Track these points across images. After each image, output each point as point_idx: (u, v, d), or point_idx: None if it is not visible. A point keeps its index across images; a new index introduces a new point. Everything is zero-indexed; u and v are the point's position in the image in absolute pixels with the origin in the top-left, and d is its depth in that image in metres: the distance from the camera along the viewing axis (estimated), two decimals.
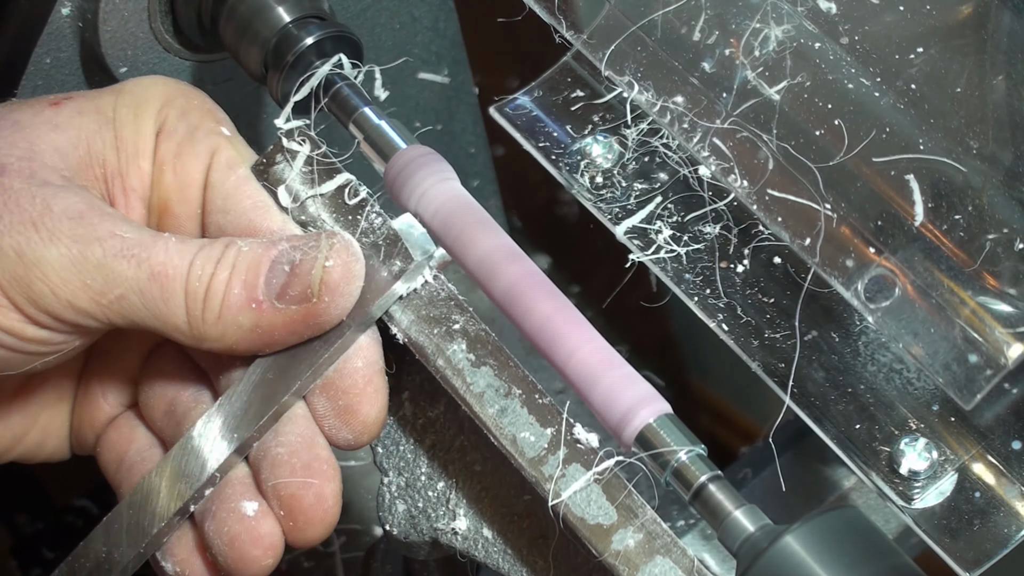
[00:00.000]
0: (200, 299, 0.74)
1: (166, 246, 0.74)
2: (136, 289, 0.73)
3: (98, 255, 0.73)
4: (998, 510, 0.76)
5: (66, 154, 0.77)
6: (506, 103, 0.89)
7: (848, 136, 0.76)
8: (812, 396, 0.79)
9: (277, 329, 0.74)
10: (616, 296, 0.89)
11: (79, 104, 0.78)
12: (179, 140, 0.79)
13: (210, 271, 0.74)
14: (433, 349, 0.76)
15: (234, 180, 0.78)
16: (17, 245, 0.73)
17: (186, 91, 0.80)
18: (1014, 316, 0.73)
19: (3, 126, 0.77)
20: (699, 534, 0.96)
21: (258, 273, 0.74)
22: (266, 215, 0.78)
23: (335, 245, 0.75)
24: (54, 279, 0.73)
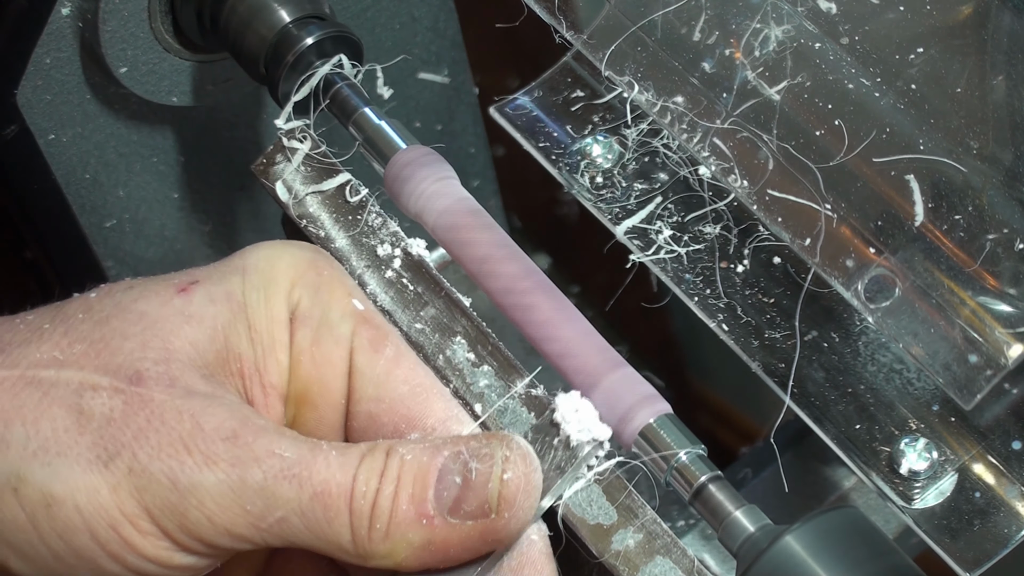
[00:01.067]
0: (366, 517, 0.67)
1: (327, 461, 0.68)
2: (298, 511, 0.67)
3: (258, 479, 0.67)
4: (998, 510, 0.76)
5: (203, 350, 0.71)
6: (506, 103, 0.89)
7: (848, 136, 0.76)
8: (812, 396, 0.79)
9: (452, 546, 0.68)
10: (616, 296, 0.89)
11: (209, 290, 0.72)
12: (315, 326, 0.73)
13: (375, 486, 0.68)
14: (433, 349, 0.76)
15: (384, 364, 0.73)
16: (169, 470, 0.67)
17: (314, 261, 0.75)
18: (1014, 316, 0.73)
19: (129, 320, 0.70)
20: (699, 534, 0.96)
21: (426, 485, 0.68)
22: (425, 402, 0.73)
23: (511, 456, 0.69)
24: (211, 506, 0.67)
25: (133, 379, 0.68)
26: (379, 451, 0.69)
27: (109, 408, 0.68)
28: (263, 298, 0.73)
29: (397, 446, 0.69)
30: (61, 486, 0.67)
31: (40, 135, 0.93)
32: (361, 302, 0.74)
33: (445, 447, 0.69)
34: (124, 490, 0.67)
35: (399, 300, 0.77)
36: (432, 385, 0.73)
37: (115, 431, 0.67)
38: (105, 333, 0.70)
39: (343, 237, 0.78)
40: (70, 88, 0.92)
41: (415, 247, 0.78)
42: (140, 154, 0.98)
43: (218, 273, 0.73)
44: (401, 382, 0.73)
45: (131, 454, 0.67)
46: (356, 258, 0.78)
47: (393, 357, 0.73)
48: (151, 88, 0.92)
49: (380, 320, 0.75)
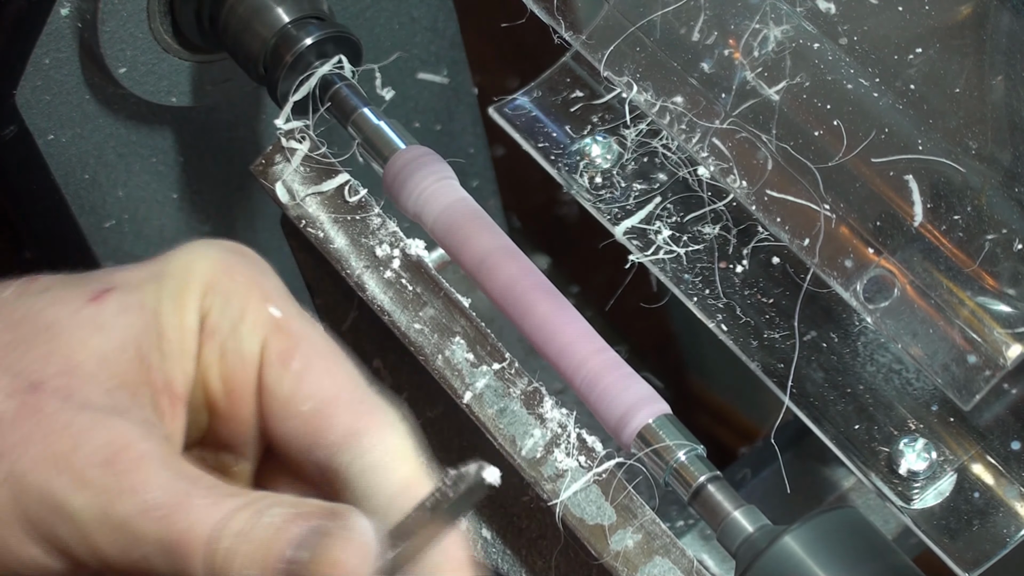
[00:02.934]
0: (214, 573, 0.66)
1: (190, 508, 0.66)
2: (161, 551, 0.66)
3: (122, 513, 0.65)
4: (997, 510, 0.76)
5: (112, 361, 0.69)
6: (505, 103, 0.89)
7: (847, 136, 0.76)
8: (811, 396, 0.79)
9: None
10: (616, 296, 0.89)
11: (121, 299, 0.70)
12: (222, 340, 0.71)
13: (226, 544, 0.65)
14: (432, 349, 0.76)
15: (289, 382, 0.70)
16: (43, 484, 0.66)
17: (230, 266, 0.72)
18: (1013, 316, 0.73)
19: (36, 329, 0.69)
20: (698, 534, 0.96)
21: (273, 558, 0.65)
22: (328, 419, 0.70)
23: (348, 540, 0.65)
24: (79, 530, 0.66)
25: (32, 386, 0.68)
26: (250, 507, 0.66)
27: (3, 408, 0.67)
28: (175, 306, 0.71)
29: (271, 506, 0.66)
30: None
31: (39, 135, 0.93)
32: (279, 307, 0.72)
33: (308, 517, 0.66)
34: (3, 494, 0.66)
35: (398, 300, 0.77)
36: (335, 398, 0.71)
37: (3, 432, 0.67)
38: (13, 338, 0.69)
39: (342, 237, 0.78)
40: (69, 88, 0.92)
41: (414, 247, 0.78)
42: (139, 154, 0.98)
43: (135, 279, 0.71)
44: (305, 398, 0.71)
45: (13, 460, 0.66)
46: (355, 258, 0.78)
47: (299, 371, 0.71)
48: (150, 88, 0.92)
49: (296, 326, 0.72)
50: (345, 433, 0.70)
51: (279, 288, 0.73)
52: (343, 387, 0.71)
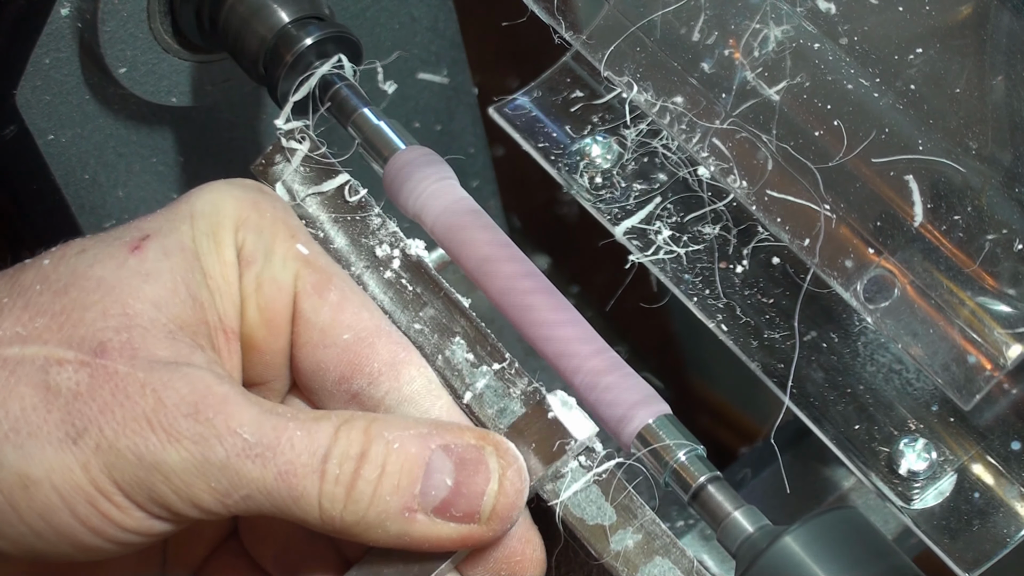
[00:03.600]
0: (340, 500, 0.67)
1: (291, 441, 0.67)
2: (262, 489, 0.67)
3: (220, 457, 0.67)
4: (997, 510, 0.76)
5: (167, 305, 0.70)
6: (505, 103, 0.89)
7: (847, 136, 0.76)
8: (811, 396, 0.79)
9: (428, 541, 0.68)
10: (616, 297, 0.89)
11: (161, 243, 0.71)
12: (258, 270, 0.73)
13: (351, 468, 0.67)
14: (432, 349, 0.76)
15: (327, 311, 0.73)
16: (135, 447, 0.67)
17: (257, 202, 0.74)
18: (1013, 316, 0.73)
19: (87, 287, 0.70)
20: (698, 535, 0.96)
21: (414, 480, 0.68)
22: (370, 347, 0.72)
23: (508, 467, 0.69)
24: (176, 482, 0.67)
25: (97, 351, 0.68)
26: (356, 430, 0.68)
27: (75, 382, 0.68)
28: (213, 244, 0.72)
29: (378, 427, 0.68)
30: (36, 467, 0.67)
31: (39, 135, 0.93)
32: (305, 245, 0.74)
33: (432, 438, 0.69)
34: (95, 467, 0.67)
35: (398, 300, 0.77)
36: (377, 328, 0.73)
37: (82, 406, 0.68)
38: (65, 304, 0.69)
39: (342, 237, 0.78)
40: (69, 88, 0.92)
41: (414, 247, 0.78)
42: (139, 154, 0.98)
43: (167, 223, 0.73)
44: (345, 328, 0.73)
45: (98, 430, 0.67)
46: (355, 258, 0.78)
47: (337, 302, 0.73)
48: (150, 88, 0.93)
49: (325, 262, 0.74)
50: (388, 362, 0.72)
51: (302, 227, 0.75)
52: (381, 320, 0.74)
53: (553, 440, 0.71)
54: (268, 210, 0.74)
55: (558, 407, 0.71)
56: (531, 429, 0.71)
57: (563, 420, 0.71)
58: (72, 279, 0.70)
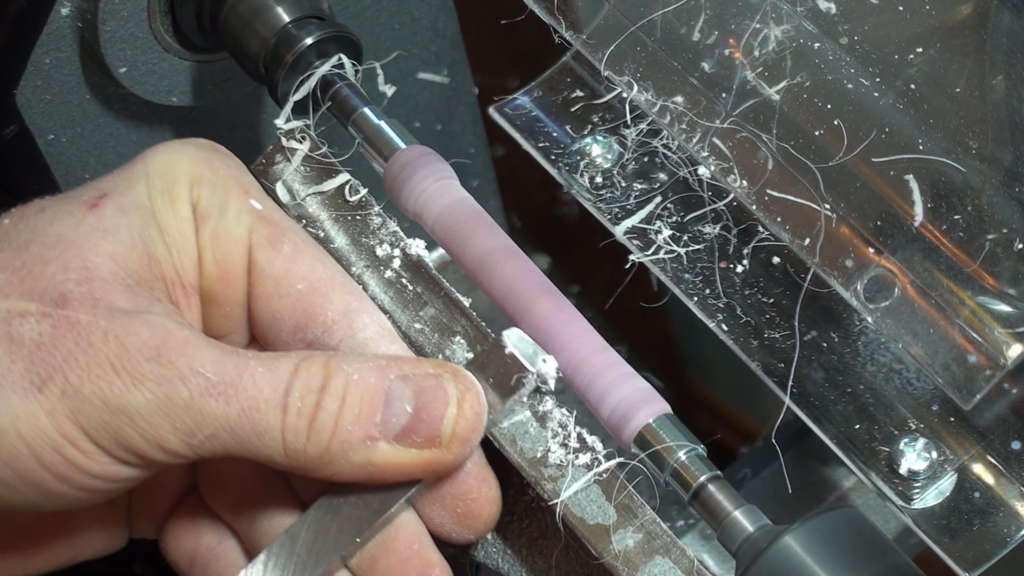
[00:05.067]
0: (303, 432, 0.69)
1: (253, 377, 0.69)
2: (227, 427, 0.69)
3: (184, 396, 0.68)
4: (997, 510, 0.76)
5: (124, 260, 0.72)
6: (506, 103, 0.89)
7: (848, 136, 0.76)
8: (812, 396, 0.79)
9: (390, 468, 0.70)
10: (616, 296, 0.89)
11: (118, 201, 0.73)
12: (213, 225, 0.74)
13: (312, 401, 0.69)
14: (432, 349, 0.76)
15: (281, 262, 0.74)
16: (100, 391, 0.68)
17: (210, 160, 0.75)
18: (1013, 316, 0.73)
19: (47, 243, 0.71)
20: (699, 534, 0.96)
21: (374, 408, 0.69)
22: (324, 297, 0.74)
23: (466, 391, 0.71)
24: (142, 424, 0.68)
25: (58, 301, 0.69)
26: (316, 364, 0.69)
27: (38, 333, 0.69)
28: (168, 201, 0.74)
29: (337, 361, 0.70)
30: (1, 416, 0.68)
31: (40, 135, 0.93)
32: (259, 200, 0.75)
33: (390, 368, 0.70)
34: (60, 413, 0.68)
35: (398, 300, 0.77)
36: (331, 278, 0.75)
37: (45, 355, 0.68)
38: (26, 259, 0.71)
39: (342, 237, 0.78)
40: (70, 88, 0.92)
41: (414, 247, 0.78)
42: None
43: (123, 182, 0.74)
44: (299, 278, 0.74)
45: (63, 377, 0.68)
46: (355, 258, 0.78)
47: (291, 253, 0.74)
48: (151, 88, 0.93)
49: (279, 216, 0.76)
50: (341, 311, 0.74)
51: (255, 184, 0.77)
52: (335, 271, 0.75)
53: (511, 375, 0.72)
54: (221, 167, 0.75)
55: (514, 342, 0.72)
56: (490, 364, 0.72)
57: (519, 354, 0.72)
58: (32, 236, 0.72)
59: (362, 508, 0.71)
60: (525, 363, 0.72)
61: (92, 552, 0.77)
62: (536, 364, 0.73)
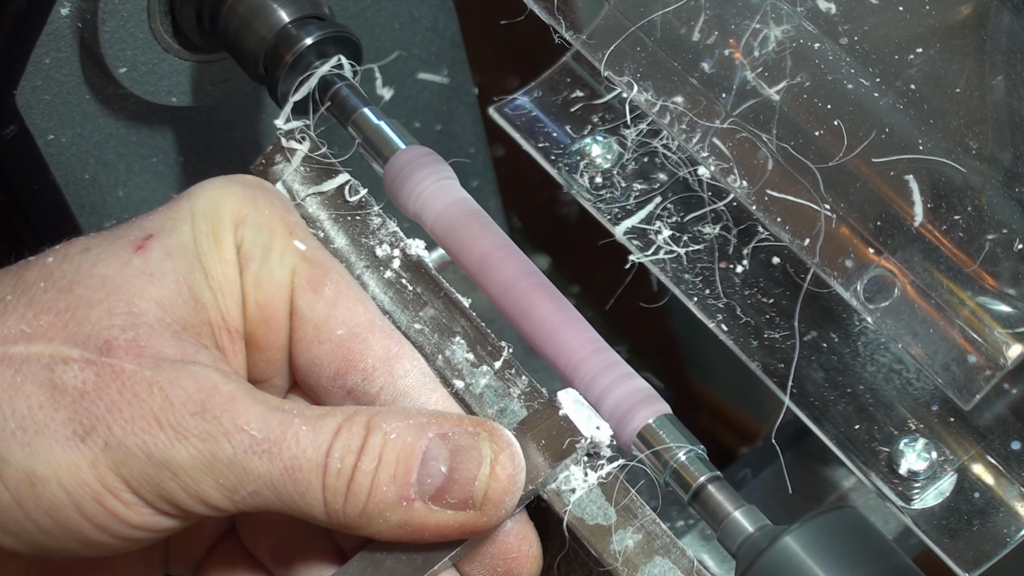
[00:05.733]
0: (341, 493, 0.68)
1: (296, 437, 0.68)
2: (269, 484, 0.68)
3: (228, 453, 0.68)
4: (997, 510, 0.76)
5: (170, 305, 0.71)
6: (505, 103, 0.89)
7: (848, 136, 0.76)
8: (811, 396, 0.79)
9: (428, 529, 0.69)
10: (616, 296, 0.89)
11: (164, 243, 0.72)
12: (256, 268, 0.73)
13: (351, 462, 0.68)
14: (432, 349, 0.76)
15: (322, 306, 0.73)
16: (144, 445, 0.67)
17: (255, 199, 0.75)
18: (1013, 316, 0.73)
19: (91, 285, 0.70)
20: (699, 534, 0.96)
21: (410, 469, 0.68)
22: (364, 343, 0.73)
23: (500, 452, 0.69)
24: (185, 479, 0.68)
25: (103, 349, 0.69)
26: (357, 424, 0.69)
27: (82, 381, 0.68)
28: (213, 243, 0.73)
29: (379, 419, 0.69)
30: (43, 465, 0.67)
31: (39, 135, 0.93)
32: (303, 241, 0.75)
33: (430, 427, 0.69)
34: (103, 464, 0.68)
35: (398, 300, 0.77)
36: (371, 324, 0.74)
37: (89, 404, 0.68)
38: (70, 302, 0.70)
39: (342, 237, 0.78)
40: (69, 88, 0.92)
41: (414, 247, 0.78)
42: (139, 154, 0.98)
43: (169, 222, 0.73)
44: (340, 323, 0.73)
45: (106, 428, 0.68)
46: (355, 258, 0.78)
47: (332, 298, 0.74)
48: (150, 88, 0.93)
49: (322, 257, 0.75)
50: (382, 357, 0.73)
51: (301, 223, 0.76)
52: (376, 315, 0.74)
53: (564, 438, 0.71)
54: (266, 207, 0.74)
55: (569, 405, 0.71)
56: (541, 425, 0.72)
57: (574, 418, 0.71)
58: (76, 277, 0.71)
59: (405, 564, 0.70)
60: (579, 428, 0.71)
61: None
62: (590, 430, 0.71)
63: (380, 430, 0.69)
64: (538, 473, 0.71)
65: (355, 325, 0.73)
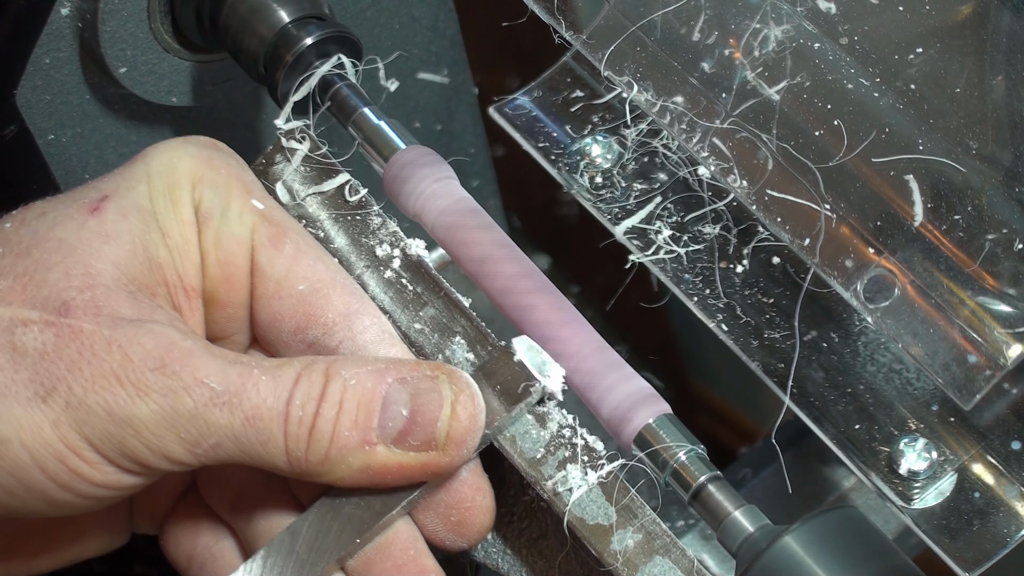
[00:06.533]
0: (303, 440, 0.69)
1: (256, 387, 0.69)
2: (231, 436, 0.69)
3: (189, 407, 0.68)
4: (997, 510, 0.76)
5: (126, 265, 0.71)
6: (505, 103, 0.89)
7: (848, 136, 0.76)
8: (811, 396, 0.79)
9: (390, 472, 0.70)
10: (616, 296, 0.89)
11: (119, 204, 0.73)
12: (216, 227, 0.74)
13: (312, 409, 0.69)
14: (432, 349, 0.76)
15: (283, 262, 0.74)
16: (104, 402, 0.68)
17: (211, 158, 0.75)
18: (1013, 316, 0.73)
19: (48, 248, 0.71)
20: (699, 534, 0.96)
21: (371, 413, 0.69)
22: (325, 298, 0.74)
23: (460, 393, 0.70)
24: (147, 435, 0.68)
25: (61, 310, 0.69)
26: (316, 372, 0.70)
27: (41, 342, 0.69)
28: (170, 203, 0.74)
29: (337, 367, 0.70)
30: (5, 426, 0.68)
31: (39, 135, 0.93)
32: (260, 200, 0.75)
33: (388, 372, 0.70)
34: (65, 424, 0.68)
35: (398, 300, 0.77)
36: (332, 279, 0.75)
37: (49, 365, 0.68)
38: (28, 266, 0.70)
39: (342, 237, 0.78)
40: (69, 88, 0.92)
41: (414, 247, 0.78)
42: None
43: (124, 183, 0.74)
44: (301, 279, 0.74)
45: (67, 387, 0.68)
46: (355, 258, 0.78)
47: (292, 254, 0.74)
48: (150, 88, 0.93)
49: (280, 216, 0.75)
50: (342, 312, 0.74)
51: (257, 183, 0.77)
52: (336, 271, 0.75)
53: (518, 383, 0.72)
54: (223, 167, 0.75)
55: (523, 351, 0.72)
56: (497, 371, 0.72)
57: (528, 363, 0.72)
58: (34, 241, 0.71)
59: (363, 509, 0.71)
60: (534, 372, 0.72)
61: (95, 551, 0.78)
62: (545, 374, 0.72)
63: (339, 377, 0.69)
64: (495, 417, 0.72)
65: (316, 281, 0.74)
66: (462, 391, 0.70)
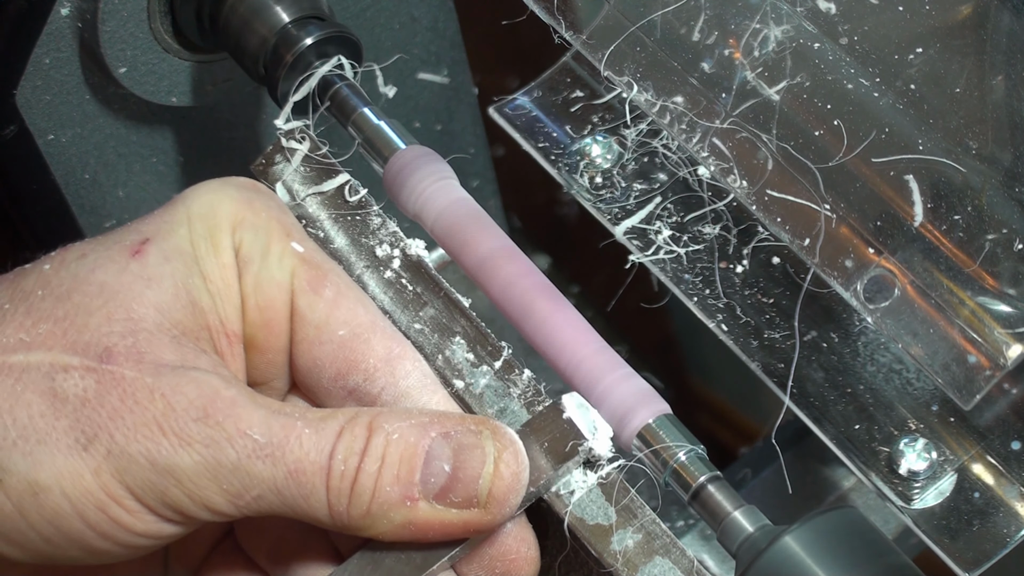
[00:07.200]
0: (345, 495, 0.68)
1: (300, 440, 0.68)
2: (273, 488, 0.68)
3: (232, 459, 0.67)
4: (997, 510, 0.76)
5: (169, 310, 0.71)
6: (505, 103, 0.89)
7: (848, 136, 0.76)
8: (811, 396, 0.79)
9: (432, 528, 0.69)
10: (616, 297, 0.89)
11: (161, 247, 0.72)
12: (255, 271, 0.73)
13: (355, 464, 0.68)
14: (432, 349, 0.76)
15: (323, 307, 0.73)
16: (147, 451, 0.67)
17: (252, 201, 0.74)
18: (1013, 316, 0.73)
19: (89, 292, 0.70)
20: (699, 534, 0.96)
21: (413, 468, 0.68)
22: (366, 343, 0.73)
23: (504, 450, 0.69)
24: (189, 485, 0.67)
25: (103, 356, 0.69)
26: (360, 426, 0.69)
27: (82, 389, 0.68)
28: (211, 247, 0.73)
29: (380, 420, 0.69)
30: (45, 474, 0.67)
31: (39, 135, 0.93)
32: (300, 243, 0.74)
33: (432, 426, 0.69)
34: (106, 472, 0.67)
35: (398, 300, 0.77)
36: (372, 324, 0.74)
37: (90, 412, 0.68)
38: (69, 309, 0.70)
39: (342, 237, 0.78)
40: (69, 88, 0.92)
41: (414, 247, 0.78)
42: (139, 154, 0.98)
43: (165, 226, 0.73)
44: (341, 324, 0.73)
45: (108, 436, 0.68)
46: (355, 258, 0.78)
47: (333, 298, 0.73)
48: (150, 88, 0.93)
49: (320, 259, 0.75)
50: (383, 357, 0.73)
51: (297, 225, 0.76)
52: (376, 316, 0.74)
53: (566, 441, 0.71)
54: (262, 210, 0.74)
55: (573, 408, 0.71)
56: (545, 428, 0.71)
57: (577, 422, 0.71)
58: (74, 284, 0.70)
59: (404, 563, 0.70)
60: (584, 431, 0.71)
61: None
62: (593, 434, 0.71)
63: (383, 431, 0.68)
64: (541, 475, 0.70)
65: (356, 325, 0.73)
66: (506, 448, 0.69)
